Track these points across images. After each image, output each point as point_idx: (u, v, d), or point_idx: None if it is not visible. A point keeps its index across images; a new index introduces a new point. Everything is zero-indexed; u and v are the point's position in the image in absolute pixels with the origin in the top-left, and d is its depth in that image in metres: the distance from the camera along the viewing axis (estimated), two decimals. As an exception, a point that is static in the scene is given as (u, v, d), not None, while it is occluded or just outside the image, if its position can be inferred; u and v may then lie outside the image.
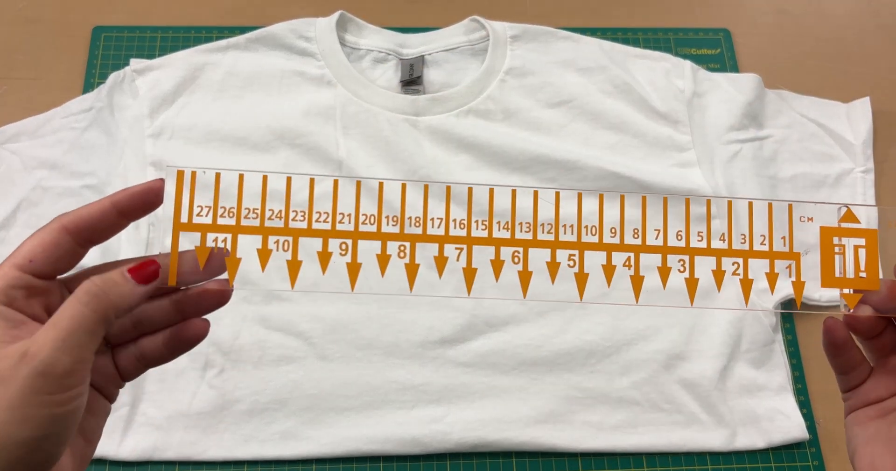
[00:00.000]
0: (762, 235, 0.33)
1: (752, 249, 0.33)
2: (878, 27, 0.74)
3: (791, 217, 0.33)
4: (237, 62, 0.64)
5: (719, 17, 0.74)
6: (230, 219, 0.31)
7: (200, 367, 0.55)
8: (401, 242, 0.32)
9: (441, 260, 0.33)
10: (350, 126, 0.61)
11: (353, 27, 0.66)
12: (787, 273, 0.57)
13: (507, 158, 0.61)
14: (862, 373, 0.36)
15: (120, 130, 0.61)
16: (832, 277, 0.33)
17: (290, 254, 0.31)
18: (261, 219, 0.32)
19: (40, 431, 0.24)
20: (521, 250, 0.34)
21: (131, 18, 0.70)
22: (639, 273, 0.34)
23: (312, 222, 0.32)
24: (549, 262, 0.33)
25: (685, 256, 0.34)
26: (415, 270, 0.32)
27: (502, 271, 0.34)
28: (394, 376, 0.55)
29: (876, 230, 0.33)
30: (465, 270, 0.33)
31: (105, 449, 0.53)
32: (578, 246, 0.34)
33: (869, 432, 0.35)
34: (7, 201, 0.59)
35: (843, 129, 0.66)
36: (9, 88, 0.66)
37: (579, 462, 0.55)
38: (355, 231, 0.32)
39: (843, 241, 0.33)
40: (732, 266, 0.33)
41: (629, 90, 0.64)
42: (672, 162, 0.63)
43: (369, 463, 0.54)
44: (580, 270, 0.33)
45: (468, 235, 0.33)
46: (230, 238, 0.31)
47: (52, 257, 0.28)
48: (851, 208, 0.33)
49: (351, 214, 0.32)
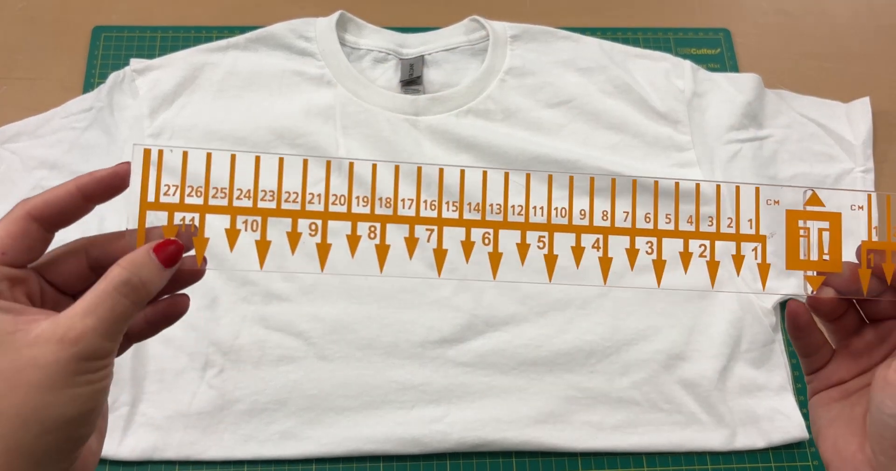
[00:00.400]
0: (729, 217, 0.34)
1: (718, 232, 0.34)
2: (877, 27, 0.74)
3: (758, 200, 0.33)
4: (237, 62, 0.64)
5: (719, 17, 0.74)
6: (199, 198, 0.32)
7: (200, 367, 0.55)
8: (371, 223, 0.33)
9: (412, 241, 0.33)
10: (350, 126, 0.61)
11: (352, 27, 0.66)
12: (784, 275, 0.57)
13: (506, 158, 0.61)
14: (824, 355, 0.36)
15: (120, 129, 0.61)
16: (796, 260, 0.33)
17: (258, 234, 0.32)
18: (229, 198, 0.32)
19: (85, 406, 0.26)
20: (491, 232, 0.34)
21: (131, 18, 0.70)
22: (607, 255, 0.35)
23: (282, 203, 0.33)
24: (519, 244, 0.34)
25: (653, 238, 0.34)
26: (385, 251, 0.33)
27: (474, 253, 0.35)
28: (394, 376, 0.55)
29: (840, 213, 0.34)
30: (436, 250, 0.33)
31: (105, 449, 0.53)
32: (548, 228, 0.35)
33: (832, 413, 0.35)
34: (7, 201, 0.59)
35: (843, 129, 0.66)
36: (9, 88, 0.66)
37: (579, 462, 0.55)
38: (325, 212, 0.33)
39: (808, 223, 0.34)
40: (700, 248, 0.33)
41: (629, 90, 0.64)
42: (672, 162, 0.63)
43: (369, 463, 0.54)
44: (549, 252, 0.33)
45: (438, 217, 0.34)
46: (198, 218, 0.31)
47: (23, 247, 0.28)
48: (816, 192, 0.33)
49: (321, 194, 0.33)
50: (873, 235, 0.34)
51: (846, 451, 0.33)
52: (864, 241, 0.33)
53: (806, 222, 0.34)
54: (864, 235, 0.33)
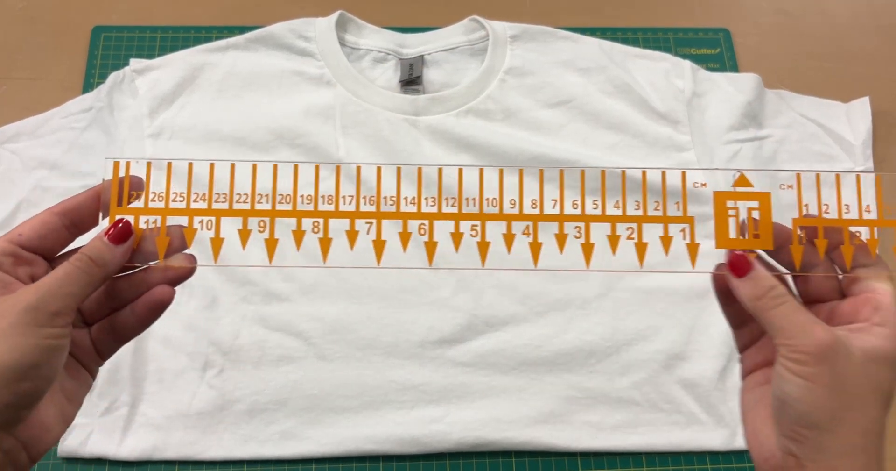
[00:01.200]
0: (656, 200, 0.35)
1: (646, 215, 0.34)
2: (877, 27, 0.74)
3: (684, 183, 0.34)
4: (237, 62, 0.64)
5: (719, 17, 0.74)
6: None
7: (200, 367, 0.55)
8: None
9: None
10: (349, 126, 0.61)
11: (352, 27, 0.66)
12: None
13: (506, 158, 0.61)
14: (754, 330, 0.36)
15: (119, 129, 0.61)
16: (726, 239, 0.33)
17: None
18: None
19: (27, 358, 0.28)
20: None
21: (131, 18, 0.70)
22: (537, 240, 0.36)
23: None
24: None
25: (581, 224, 0.36)
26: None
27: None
28: (393, 376, 0.55)
29: (769, 193, 0.34)
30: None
31: (105, 449, 0.53)
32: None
33: (755, 397, 0.35)
34: (7, 201, 0.59)
35: (843, 129, 0.66)
36: (8, 88, 0.66)
37: (579, 462, 0.55)
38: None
39: (737, 204, 0.34)
40: (627, 231, 0.34)
41: (629, 90, 0.64)
42: (672, 162, 0.63)
43: (369, 463, 0.54)
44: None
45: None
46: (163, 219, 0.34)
47: (38, 232, 0.32)
48: (744, 173, 0.34)
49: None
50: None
51: (762, 433, 0.33)
52: (794, 218, 0.34)
53: (735, 203, 0.34)
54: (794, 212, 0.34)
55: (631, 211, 0.35)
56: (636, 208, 0.35)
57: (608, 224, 0.35)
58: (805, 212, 0.34)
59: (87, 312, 0.34)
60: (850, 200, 0.35)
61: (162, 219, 0.33)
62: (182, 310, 0.56)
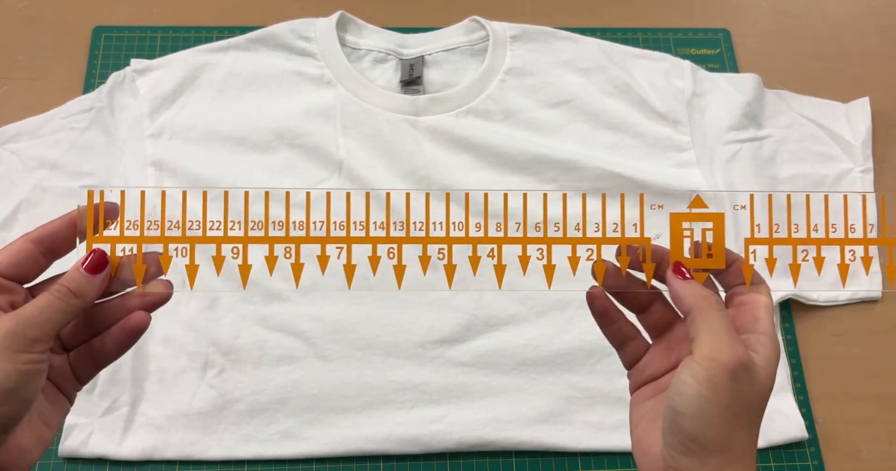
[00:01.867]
0: (614, 222, 0.37)
1: (604, 237, 0.36)
2: (877, 28, 0.74)
3: (642, 205, 0.36)
4: (237, 62, 0.64)
5: (719, 18, 0.74)
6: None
7: (200, 367, 0.55)
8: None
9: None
10: (350, 126, 0.62)
11: (352, 27, 0.66)
12: (785, 272, 0.57)
13: (506, 158, 0.61)
14: (638, 348, 0.37)
15: (120, 130, 0.61)
16: (681, 258, 0.35)
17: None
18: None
19: (6, 382, 0.29)
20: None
21: (132, 18, 0.70)
22: (501, 262, 0.38)
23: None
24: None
25: (543, 245, 0.37)
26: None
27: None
28: (394, 375, 0.55)
29: (723, 214, 0.36)
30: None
31: (105, 449, 0.53)
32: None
33: (644, 411, 0.35)
34: (7, 202, 0.59)
35: (843, 129, 0.66)
36: (9, 89, 0.66)
37: (579, 462, 0.55)
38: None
39: (693, 225, 0.36)
40: (587, 252, 0.36)
41: (629, 90, 0.64)
42: (671, 162, 0.63)
43: (369, 463, 0.55)
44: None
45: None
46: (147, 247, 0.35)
47: (15, 260, 0.32)
48: (700, 194, 0.36)
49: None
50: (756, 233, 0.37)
51: (647, 443, 0.34)
52: (746, 238, 0.36)
53: (691, 224, 0.36)
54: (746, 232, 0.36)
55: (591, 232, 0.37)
56: (595, 230, 0.37)
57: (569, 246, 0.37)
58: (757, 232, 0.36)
59: (65, 337, 0.35)
60: (799, 219, 0.37)
61: (138, 247, 0.34)
62: (182, 310, 0.56)
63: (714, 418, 0.30)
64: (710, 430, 0.30)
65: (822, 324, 0.61)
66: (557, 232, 0.37)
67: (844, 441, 0.57)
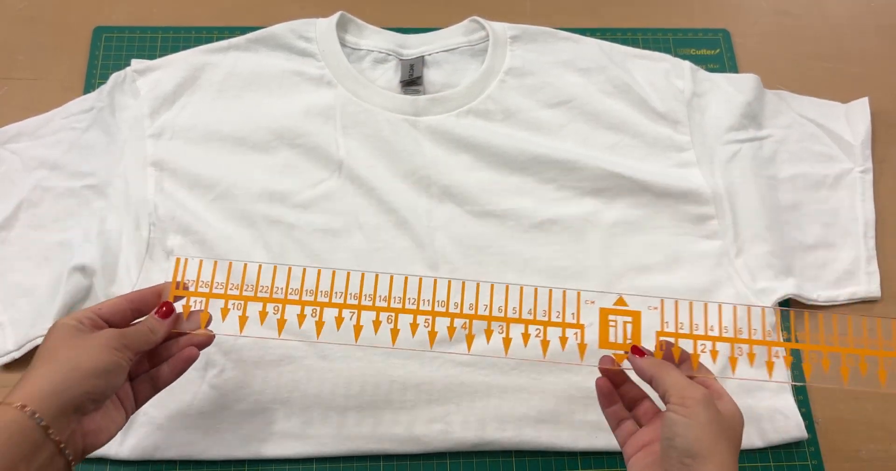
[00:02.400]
0: (557, 311, 0.47)
1: (549, 320, 0.47)
2: (876, 28, 0.74)
3: (579, 300, 0.47)
4: (237, 63, 0.64)
5: (719, 18, 0.74)
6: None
7: (201, 367, 0.55)
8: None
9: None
10: (350, 126, 0.62)
11: (353, 28, 0.66)
12: (784, 271, 0.58)
13: (506, 158, 0.61)
14: (630, 427, 0.47)
15: (120, 130, 0.61)
16: (607, 342, 0.47)
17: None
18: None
19: (104, 364, 0.41)
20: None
21: (132, 19, 0.70)
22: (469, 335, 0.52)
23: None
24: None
25: (503, 323, 0.48)
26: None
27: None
28: (394, 375, 0.56)
29: (640, 311, 0.48)
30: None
31: (106, 448, 0.53)
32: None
33: (642, 465, 0.44)
34: (8, 202, 0.59)
35: (842, 129, 0.66)
36: (9, 89, 0.66)
37: (578, 461, 0.55)
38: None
39: (616, 318, 0.47)
40: (536, 330, 0.47)
41: (629, 90, 0.64)
42: (671, 162, 0.63)
43: (369, 462, 0.55)
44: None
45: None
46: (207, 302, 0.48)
47: (112, 310, 0.45)
48: (623, 296, 0.48)
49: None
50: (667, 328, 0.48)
51: None
52: (657, 331, 0.47)
53: (616, 317, 0.48)
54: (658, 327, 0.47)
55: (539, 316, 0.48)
56: (543, 315, 0.48)
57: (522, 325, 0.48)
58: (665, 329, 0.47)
59: (131, 370, 0.45)
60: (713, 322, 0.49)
61: (206, 302, 0.47)
62: (183, 310, 0.56)
63: (700, 434, 0.40)
64: (699, 443, 0.39)
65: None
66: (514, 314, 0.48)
67: (844, 441, 0.57)
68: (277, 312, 0.47)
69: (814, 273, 0.61)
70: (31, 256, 0.58)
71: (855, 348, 0.48)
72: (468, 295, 0.48)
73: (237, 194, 0.60)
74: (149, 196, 0.59)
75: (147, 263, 0.57)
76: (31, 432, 0.37)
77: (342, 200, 0.60)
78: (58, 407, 0.39)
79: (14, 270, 0.57)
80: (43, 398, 0.38)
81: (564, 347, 0.47)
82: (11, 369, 0.55)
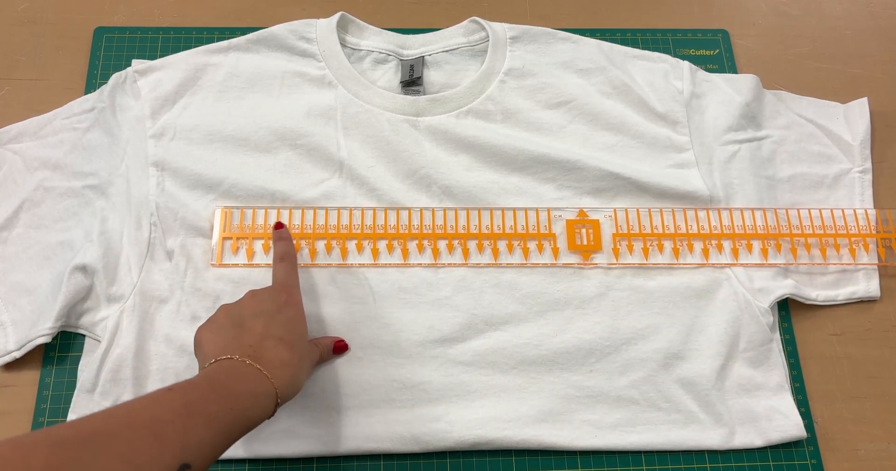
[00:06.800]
0: (532, 225, 0.59)
1: (528, 232, 0.59)
2: (875, 28, 0.74)
3: (549, 216, 0.61)
4: (238, 63, 0.64)
5: (718, 18, 0.74)
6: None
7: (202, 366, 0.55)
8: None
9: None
10: (351, 127, 0.62)
11: (353, 28, 0.66)
12: (782, 271, 0.58)
13: (506, 159, 0.61)
14: None
15: (122, 130, 0.61)
16: (574, 245, 0.60)
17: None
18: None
19: (314, 363, 0.53)
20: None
21: (133, 19, 0.70)
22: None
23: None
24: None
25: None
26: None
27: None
28: (394, 375, 0.56)
29: (598, 220, 0.60)
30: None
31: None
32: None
33: None
34: (9, 202, 0.59)
35: (841, 129, 0.66)
36: (11, 89, 0.66)
37: (578, 461, 0.55)
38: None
39: (580, 226, 0.60)
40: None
41: (628, 91, 0.64)
42: (671, 162, 0.63)
43: (369, 461, 0.55)
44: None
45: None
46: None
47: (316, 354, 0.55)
48: (583, 209, 0.61)
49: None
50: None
51: None
52: (613, 233, 0.60)
53: (580, 226, 0.60)
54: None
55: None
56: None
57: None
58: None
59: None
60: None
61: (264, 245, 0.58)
62: (184, 310, 0.56)
63: None
64: None
65: (821, 324, 0.61)
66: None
67: (843, 440, 0.57)
68: (327, 247, 0.59)
69: (809, 271, 0.62)
70: (32, 256, 0.58)
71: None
72: (461, 220, 0.60)
73: (238, 195, 0.60)
74: (150, 196, 0.59)
75: (148, 264, 0.57)
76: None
77: (343, 200, 0.60)
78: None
79: (15, 269, 0.57)
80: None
81: (541, 252, 0.59)
82: (12, 368, 0.56)
